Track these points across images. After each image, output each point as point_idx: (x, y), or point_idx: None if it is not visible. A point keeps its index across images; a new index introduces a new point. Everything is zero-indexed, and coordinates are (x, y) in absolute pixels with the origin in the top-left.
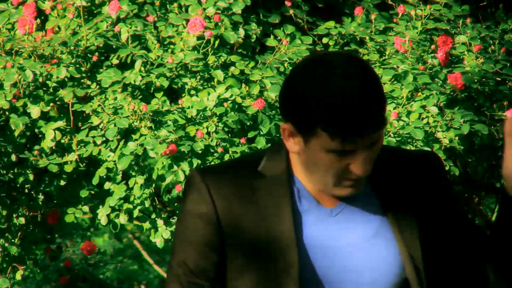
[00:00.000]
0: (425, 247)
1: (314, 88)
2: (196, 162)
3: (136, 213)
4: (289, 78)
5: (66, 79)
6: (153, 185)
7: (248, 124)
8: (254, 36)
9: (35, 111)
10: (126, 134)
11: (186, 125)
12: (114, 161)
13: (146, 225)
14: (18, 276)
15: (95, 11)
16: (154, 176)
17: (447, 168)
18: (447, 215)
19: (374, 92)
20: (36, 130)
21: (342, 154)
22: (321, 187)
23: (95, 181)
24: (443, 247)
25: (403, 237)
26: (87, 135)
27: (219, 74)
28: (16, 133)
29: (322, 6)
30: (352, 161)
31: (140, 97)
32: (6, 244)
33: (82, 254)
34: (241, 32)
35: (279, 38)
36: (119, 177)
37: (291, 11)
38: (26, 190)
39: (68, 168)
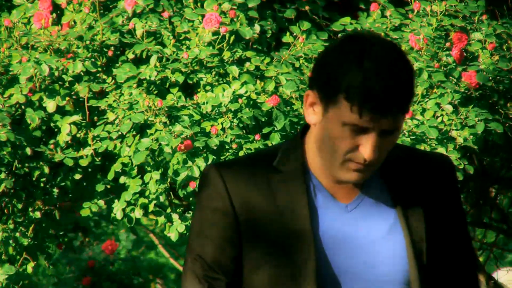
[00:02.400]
0: (429, 249)
1: (347, 59)
2: (211, 158)
3: (151, 207)
4: (326, 49)
5: (81, 74)
6: (168, 180)
7: (263, 120)
8: (270, 32)
9: (50, 105)
10: (142, 129)
11: (201, 120)
12: (130, 156)
13: (161, 219)
14: (29, 269)
15: (110, 6)
16: (170, 172)
17: (461, 166)
18: (452, 220)
19: (405, 79)
20: (52, 124)
21: (356, 131)
22: (329, 166)
23: (110, 176)
24: (444, 250)
25: (411, 235)
26: (102, 130)
27: (234, 70)
28: (31, 127)
29: (338, 1)
30: (364, 142)
31: (156, 92)
32: (18, 234)
33: (103, 252)
34: (257, 27)
35: (295, 34)
36: (134, 172)
37: (307, 7)
38: (42, 184)
39: (84, 163)
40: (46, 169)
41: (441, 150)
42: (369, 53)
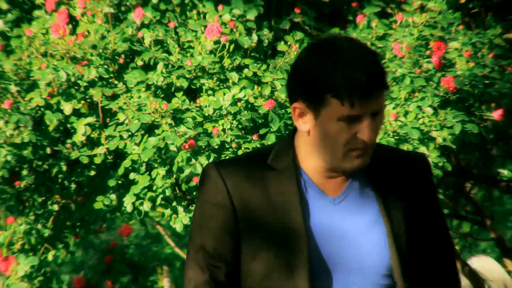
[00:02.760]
0: (409, 239)
1: (322, 61)
2: (212, 156)
3: (158, 201)
4: (296, 61)
5: (95, 79)
6: (174, 176)
7: (260, 122)
8: (266, 41)
9: (67, 108)
10: (149, 129)
11: (204, 122)
12: (138, 154)
13: (168, 211)
14: (50, 257)
15: (121, 17)
16: (175, 168)
17: (440, 164)
18: (430, 213)
19: (376, 60)
20: (69, 125)
21: (351, 122)
22: (332, 161)
23: (120, 171)
24: (423, 241)
25: (392, 227)
26: (114, 130)
27: (233, 76)
28: (50, 128)
29: (328, 13)
30: (359, 129)
31: (162, 96)
32: (39, 226)
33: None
34: (254, 37)
35: (289, 43)
36: (143, 168)
37: (300, 18)
38: (59, 180)
39: (97, 160)
40: (64, 166)
41: (422, 149)
42: (340, 51)
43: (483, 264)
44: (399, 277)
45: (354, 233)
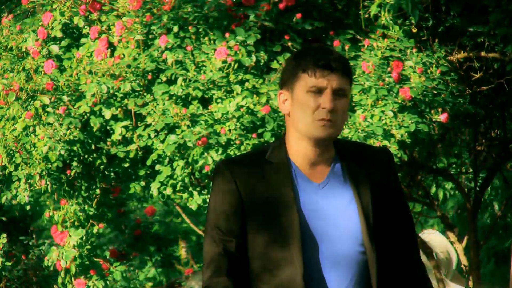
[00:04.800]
0: (375, 215)
1: (298, 56)
2: (220, 150)
3: (178, 186)
4: (285, 63)
5: (129, 91)
6: (190, 166)
7: (258, 123)
8: (263, 61)
9: (107, 113)
10: (171, 129)
11: (214, 124)
12: (163, 149)
13: (185, 195)
14: (95, 230)
15: (149, 43)
16: (190, 160)
17: (399, 155)
18: (393, 194)
19: (340, 55)
20: (108, 127)
21: (316, 94)
22: (305, 130)
23: (148, 162)
24: (388, 217)
25: (362, 207)
26: (143, 130)
27: (237, 88)
28: (94, 129)
29: (310, 39)
30: (323, 99)
31: (181, 103)
32: (86, 206)
33: (144, 216)
34: (253, 58)
35: (280, 62)
36: (166, 161)
37: (289, 43)
38: (101, 170)
39: (131, 154)
40: (104, 159)
41: (385, 142)
42: (310, 48)
43: (432, 237)
44: (367, 245)
45: (335, 211)
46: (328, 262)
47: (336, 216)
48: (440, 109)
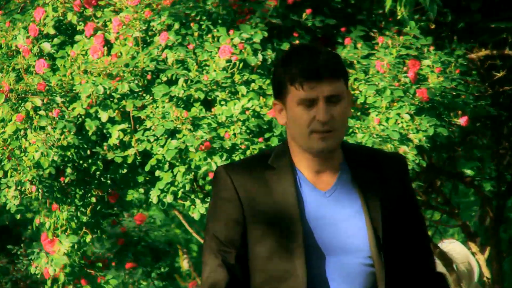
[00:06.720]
0: (385, 226)
1: (284, 63)
2: (225, 155)
3: (179, 194)
4: (274, 69)
5: (127, 92)
6: (192, 173)
7: (264, 127)
8: (270, 60)
9: (104, 116)
10: (172, 133)
11: (217, 127)
12: (163, 154)
13: (187, 203)
14: (88, 239)
15: (148, 41)
16: (193, 166)
17: (417, 161)
18: (406, 203)
19: (329, 55)
20: (105, 131)
21: (309, 105)
22: (302, 143)
23: (147, 168)
24: (399, 227)
25: (370, 216)
26: (142, 135)
27: (242, 89)
28: (90, 133)
29: (321, 36)
30: (316, 111)
31: (182, 106)
32: (79, 214)
33: (135, 224)
34: (260, 56)
35: None
36: (166, 166)
37: (297, 41)
38: (97, 176)
39: (129, 160)
40: (101, 165)
41: (403, 148)
42: (298, 52)
43: (452, 246)
44: (375, 257)
45: (342, 221)
46: (335, 275)
47: (343, 226)
48: (460, 112)
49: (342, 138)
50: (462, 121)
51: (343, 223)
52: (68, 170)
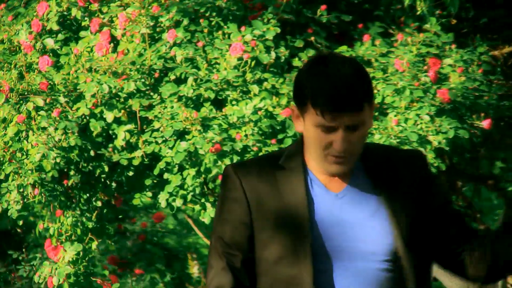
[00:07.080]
0: (412, 227)
1: (310, 74)
2: (236, 158)
3: (189, 198)
4: (298, 71)
5: (134, 91)
6: (202, 175)
7: (278, 128)
8: (283, 58)
9: (109, 116)
10: (181, 135)
11: (228, 129)
12: (171, 157)
13: (197, 207)
14: (94, 246)
15: (156, 37)
16: (203, 169)
17: (436, 164)
18: (430, 202)
19: (355, 83)
20: (110, 132)
21: (327, 130)
22: (317, 161)
23: (156, 171)
24: (426, 228)
25: (395, 218)
26: (150, 136)
27: (254, 88)
28: (94, 134)
29: (336, 33)
30: (333, 138)
31: (192, 106)
32: (84, 219)
33: (152, 223)
34: (273, 54)
35: (302, 59)
36: (175, 169)
37: (312, 38)
38: (102, 179)
39: (135, 162)
40: (106, 167)
41: (421, 150)
42: (326, 66)
43: None
44: (404, 258)
45: (356, 223)
46: (346, 281)
47: (356, 229)
48: (482, 114)
49: (356, 159)
50: (485, 123)
51: (356, 227)
52: (72, 173)
